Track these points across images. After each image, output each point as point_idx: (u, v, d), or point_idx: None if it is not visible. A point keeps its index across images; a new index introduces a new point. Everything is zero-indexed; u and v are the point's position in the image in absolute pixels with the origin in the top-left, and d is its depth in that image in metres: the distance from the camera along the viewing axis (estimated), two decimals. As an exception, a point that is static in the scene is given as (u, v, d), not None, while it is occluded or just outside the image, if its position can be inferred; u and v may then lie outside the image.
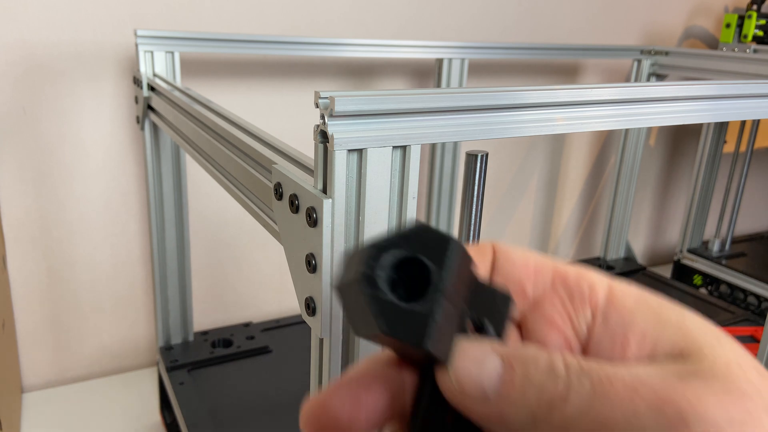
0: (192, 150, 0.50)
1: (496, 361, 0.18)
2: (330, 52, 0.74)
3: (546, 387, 0.17)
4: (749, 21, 0.94)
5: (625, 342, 0.19)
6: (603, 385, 0.16)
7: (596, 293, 0.19)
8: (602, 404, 0.16)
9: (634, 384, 0.16)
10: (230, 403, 0.66)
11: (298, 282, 0.31)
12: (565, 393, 0.17)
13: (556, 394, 0.17)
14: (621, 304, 0.19)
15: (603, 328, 0.19)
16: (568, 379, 0.17)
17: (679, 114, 0.39)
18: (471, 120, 0.31)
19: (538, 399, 0.17)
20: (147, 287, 0.83)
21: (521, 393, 0.17)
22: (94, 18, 0.71)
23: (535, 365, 0.17)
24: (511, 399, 0.17)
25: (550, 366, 0.17)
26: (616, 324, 0.19)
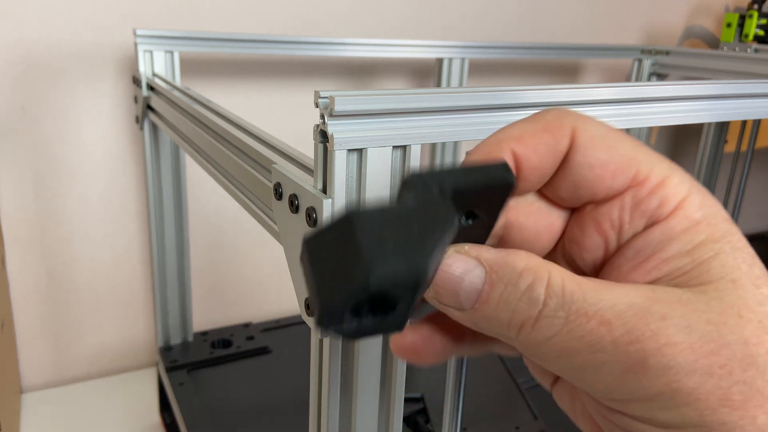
0: (191, 150, 0.50)
1: (478, 275, 0.18)
2: (330, 51, 0.74)
3: (519, 310, 0.17)
4: (750, 20, 0.94)
5: (645, 261, 0.18)
6: (577, 319, 0.17)
7: (663, 207, 0.19)
8: (569, 336, 0.17)
9: (609, 319, 0.17)
10: (230, 403, 0.65)
11: (297, 282, 0.31)
12: (536, 319, 0.17)
13: (526, 319, 0.17)
14: (672, 225, 0.18)
15: (639, 240, 0.19)
16: (544, 307, 0.17)
17: (680, 114, 0.39)
18: (471, 120, 0.30)
19: (509, 320, 0.17)
20: (146, 287, 0.83)
21: (494, 311, 0.18)
22: (93, 17, 0.71)
23: (515, 286, 0.17)
24: (484, 314, 0.18)
25: (530, 289, 0.17)
26: (651, 243, 0.18)
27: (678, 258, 0.18)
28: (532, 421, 0.64)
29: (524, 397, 0.67)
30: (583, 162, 0.19)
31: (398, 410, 0.31)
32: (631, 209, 0.19)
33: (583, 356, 0.17)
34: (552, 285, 0.17)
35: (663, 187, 0.19)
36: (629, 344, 0.16)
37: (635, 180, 0.19)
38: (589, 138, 0.19)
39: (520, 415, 0.65)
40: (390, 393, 0.31)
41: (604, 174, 0.19)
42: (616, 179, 0.19)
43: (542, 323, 0.17)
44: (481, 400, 0.67)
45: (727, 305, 0.17)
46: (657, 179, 0.19)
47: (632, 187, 0.19)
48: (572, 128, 0.19)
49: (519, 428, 0.63)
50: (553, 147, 0.19)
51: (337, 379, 0.30)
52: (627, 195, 0.19)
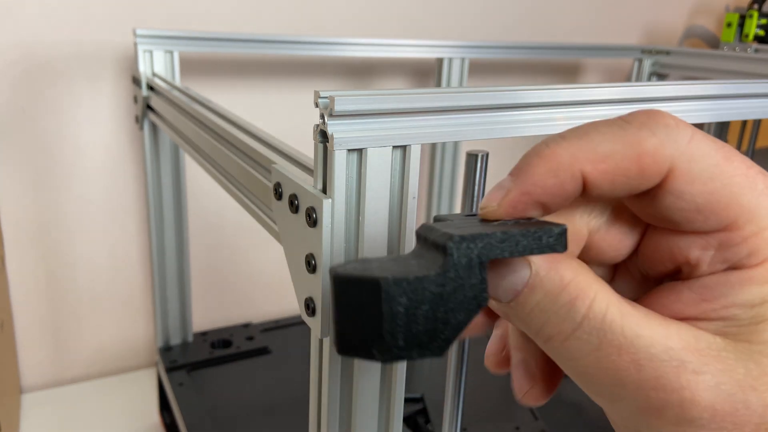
0: (191, 150, 0.50)
1: (522, 276, 0.17)
2: (330, 51, 0.74)
3: (552, 322, 0.17)
4: (750, 20, 0.94)
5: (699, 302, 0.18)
6: (608, 349, 0.16)
7: (749, 260, 0.17)
8: (596, 363, 0.16)
9: (641, 360, 0.16)
10: (230, 403, 0.65)
11: (297, 282, 0.31)
12: (567, 336, 0.17)
13: (557, 333, 0.17)
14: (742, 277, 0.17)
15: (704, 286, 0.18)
16: (578, 327, 0.16)
17: (680, 114, 0.39)
18: (471, 120, 0.30)
19: (539, 328, 0.17)
20: (146, 287, 0.83)
21: (527, 316, 0.17)
22: (93, 17, 0.71)
23: (555, 298, 0.17)
24: (516, 314, 0.17)
25: (570, 304, 0.17)
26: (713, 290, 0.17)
27: (740, 308, 0.17)
28: (532, 421, 0.64)
29: (524, 397, 0.67)
30: (675, 206, 0.17)
31: (398, 410, 0.31)
32: (715, 253, 0.17)
33: (602, 386, 0.16)
34: (594, 308, 0.16)
35: (758, 237, 0.17)
36: (653, 390, 0.16)
37: (729, 227, 0.17)
38: (689, 179, 0.17)
39: (520, 415, 0.65)
40: (390, 393, 0.31)
41: (696, 217, 0.17)
42: (709, 222, 0.17)
43: (572, 343, 0.17)
44: (481, 400, 0.67)
45: (763, 371, 0.16)
46: (755, 229, 0.17)
47: (724, 232, 0.17)
48: (671, 166, 0.17)
49: (519, 428, 0.63)
50: (636, 183, 0.17)
51: (337, 379, 0.30)
52: (714, 238, 0.17)
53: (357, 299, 0.15)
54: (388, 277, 0.15)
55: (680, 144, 0.17)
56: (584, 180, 0.17)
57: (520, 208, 0.17)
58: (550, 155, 0.17)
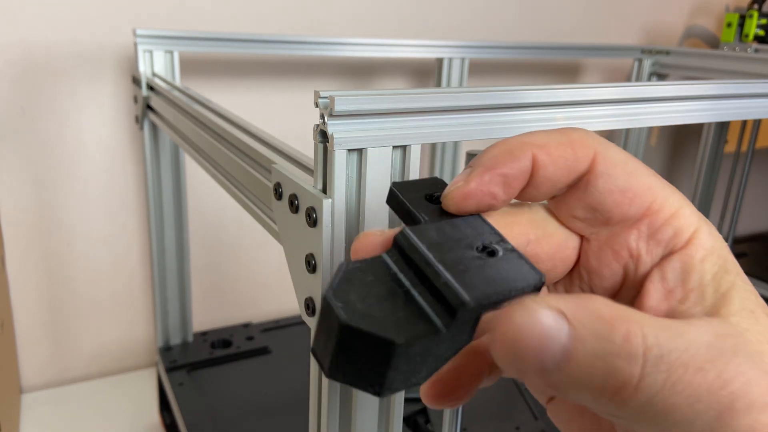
0: (191, 150, 0.50)
1: (562, 328, 0.15)
2: (329, 51, 0.74)
3: (618, 368, 0.15)
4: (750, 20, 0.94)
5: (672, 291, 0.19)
6: (677, 370, 0.15)
7: (679, 238, 0.19)
8: (671, 391, 0.15)
9: (701, 365, 0.15)
10: (230, 403, 0.65)
11: (297, 282, 0.31)
12: (639, 380, 0.15)
13: (628, 378, 0.15)
14: (691, 253, 0.19)
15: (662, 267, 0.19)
16: (644, 364, 0.15)
17: (680, 114, 0.39)
18: (471, 120, 0.30)
19: (605, 383, 0.15)
20: (146, 287, 0.83)
21: (587, 372, 0.15)
22: (93, 17, 0.71)
23: (608, 340, 0.15)
24: (571, 377, 0.15)
25: (626, 341, 0.15)
26: (675, 272, 0.19)
27: (701, 288, 0.18)
28: (532, 422, 0.64)
29: (524, 397, 0.67)
30: (604, 187, 0.19)
31: (398, 410, 0.31)
32: (647, 238, 0.19)
33: (682, 412, 0.15)
34: (647, 335, 0.15)
35: (677, 217, 0.19)
36: (721, 389, 0.15)
37: (651, 209, 0.19)
38: (611, 164, 0.19)
39: (520, 416, 0.65)
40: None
41: (623, 200, 0.19)
42: (633, 206, 0.19)
43: (645, 382, 0.15)
44: (481, 400, 0.67)
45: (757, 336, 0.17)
46: (672, 209, 0.19)
47: (648, 216, 0.19)
48: (595, 151, 0.19)
49: (519, 428, 0.63)
50: (573, 164, 0.19)
51: (337, 379, 0.30)
52: (643, 224, 0.19)
53: (362, 347, 0.16)
54: (401, 340, 0.15)
55: (597, 137, 0.20)
56: (534, 162, 0.19)
57: (485, 183, 0.19)
58: (504, 142, 0.20)
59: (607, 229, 0.20)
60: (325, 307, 0.16)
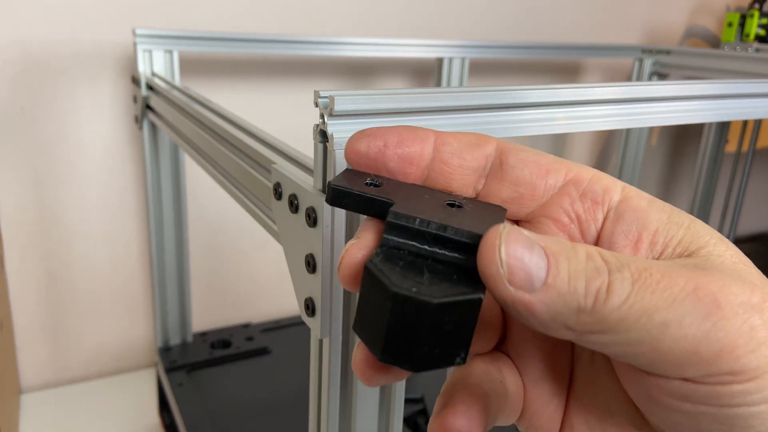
0: (191, 150, 0.50)
1: (539, 251, 0.17)
2: (329, 51, 0.74)
3: (591, 277, 0.17)
4: (751, 20, 0.94)
5: (638, 240, 0.19)
6: (642, 275, 0.17)
7: (610, 194, 0.20)
8: (644, 293, 0.16)
9: (668, 271, 0.17)
10: (229, 404, 0.65)
11: (297, 282, 0.31)
12: (609, 282, 0.17)
13: (601, 284, 0.17)
14: (635, 204, 0.19)
15: (615, 226, 0.19)
16: (609, 271, 0.17)
17: (681, 113, 0.39)
18: (471, 119, 0.30)
19: (586, 290, 0.17)
20: (145, 288, 0.83)
21: (569, 284, 0.17)
22: (92, 17, 0.71)
23: (576, 257, 0.17)
24: (558, 290, 0.17)
25: (590, 258, 0.17)
26: (630, 223, 0.19)
27: (666, 228, 0.19)
28: (532, 422, 0.63)
29: (524, 397, 0.67)
30: (516, 160, 0.20)
31: (398, 411, 0.31)
32: (579, 198, 0.20)
33: (662, 311, 0.16)
34: (601, 251, 0.17)
35: (598, 179, 0.20)
36: (697, 290, 0.16)
37: (569, 176, 0.20)
38: (516, 148, 0.21)
39: (521, 416, 0.64)
40: (390, 394, 0.31)
41: (539, 171, 0.20)
42: (551, 176, 0.20)
43: (615, 285, 0.17)
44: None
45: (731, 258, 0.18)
46: (588, 175, 0.20)
47: (570, 181, 0.20)
48: (498, 144, 0.21)
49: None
50: (476, 143, 0.21)
51: (337, 379, 0.30)
52: (569, 188, 0.20)
53: (443, 321, 0.17)
54: (481, 294, 0.17)
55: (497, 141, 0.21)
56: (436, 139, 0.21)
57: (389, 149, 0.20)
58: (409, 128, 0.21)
59: (536, 203, 0.21)
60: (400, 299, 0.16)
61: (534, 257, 0.17)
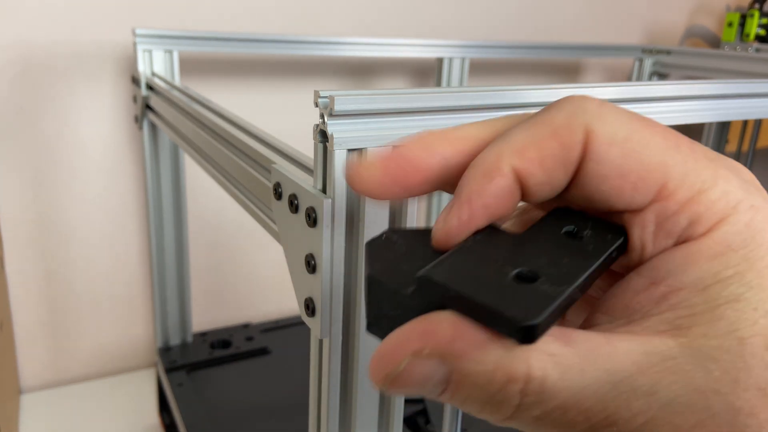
0: (191, 149, 0.50)
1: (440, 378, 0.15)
2: (329, 51, 0.74)
3: (487, 410, 0.15)
4: (751, 20, 0.94)
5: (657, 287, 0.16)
6: (554, 412, 0.15)
7: (693, 230, 0.15)
8: (542, 424, 0.15)
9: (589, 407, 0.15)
10: (229, 404, 0.65)
11: (297, 282, 0.31)
12: (507, 418, 0.15)
13: (496, 417, 0.15)
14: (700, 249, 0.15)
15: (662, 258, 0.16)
16: (517, 408, 0.15)
17: (681, 113, 0.39)
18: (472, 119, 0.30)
19: (479, 413, 0.16)
20: (145, 288, 0.83)
21: (462, 406, 0.16)
22: (92, 17, 0.71)
23: (482, 389, 0.15)
24: (450, 401, 0.16)
25: (501, 392, 0.15)
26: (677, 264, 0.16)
27: (693, 291, 0.15)
28: (532, 422, 0.63)
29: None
30: (597, 173, 0.16)
31: (398, 411, 0.31)
32: (655, 229, 0.16)
33: None
34: (531, 382, 0.15)
35: (696, 202, 0.15)
36: (605, 428, 0.15)
37: (662, 193, 0.16)
38: (606, 143, 0.16)
39: (521, 416, 0.64)
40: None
41: (623, 185, 0.16)
42: (639, 192, 0.16)
43: (513, 421, 0.15)
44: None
45: (724, 370, 0.14)
46: (689, 193, 0.15)
47: (658, 201, 0.16)
48: (586, 132, 0.16)
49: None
50: (564, 158, 0.16)
51: (337, 379, 0.30)
52: (650, 211, 0.16)
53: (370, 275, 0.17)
54: (373, 276, 0.17)
55: (589, 109, 0.16)
56: (519, 174, 0.16)
57: (465, 218, 0.17)
58: (479, 162, 0.17)
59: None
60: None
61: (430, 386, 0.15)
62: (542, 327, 0.14)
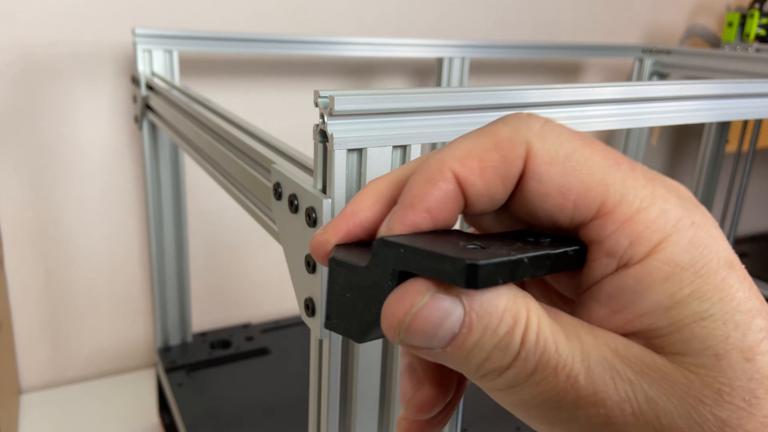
0: (191, 149, 0.50)
1: (457, 317, 0.15)
2: (329, 50, 0.74)
3: (492, 358, 0.15)
4: (751, 20, 0.94)
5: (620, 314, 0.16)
6: (545, 371, 0.15)
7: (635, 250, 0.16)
8: (533, 388, 0.15)
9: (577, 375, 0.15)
10: (229, 404, 0.65)
11: (297, 282, 0.31)
12: (505, 368, 0.15)
13: (496, 368, 0.16)
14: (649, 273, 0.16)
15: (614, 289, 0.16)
16: (516, 356, 0.15)
17: (681, 113, 0.39)
18: (472, 119, 0.30)
19: (478, 366, 0.16)
20: (145, 288, 0.83)
21: (465, 357, 0.16)
22: (92, 16, 0.71)
23: (494, 332, 0.15)
24: (452, 358, 0.16)
25: (508, 335, 0.15)
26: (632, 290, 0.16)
27: (655, 315, 0.15)
28: (532, 422, 0.63)
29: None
30: (538, 191, 0.16)
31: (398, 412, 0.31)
32: (596, 246, 0.16)
33: (541, 410, 0.15)
34: (529, 330, 0.15)
35: (634, 222, 0.16)
36: (593, 406, 0.15)
37: (601, 211, 0.16)
38: (546, 162, 0.16)
39: (521, 416, 0.64)
40: (390, 394, 0.31)
41: (564, 203, 0.16)
42: (579, 210, 0.16)
43: (510, 372, 0.15)
44: (481, 400, 0.67)
45: (705, 384, 0.15)
46: (628, 211, 0.16)
47: (598, 219, 0.16)
48: (526, 149, 0.17)
49: (519, 429, 0.62)
50: (503, 172, 0.17)
51: (337, 380, 0.30)
52: (591, 228, 0.16)
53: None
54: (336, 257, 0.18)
55: (533, 127, 0.17)
56: (459, 181, 0.17)
57: (409, 223, 0.17)
58: (424, 168, 0.17)
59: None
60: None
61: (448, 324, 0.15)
62: (486, 273, 0.15)
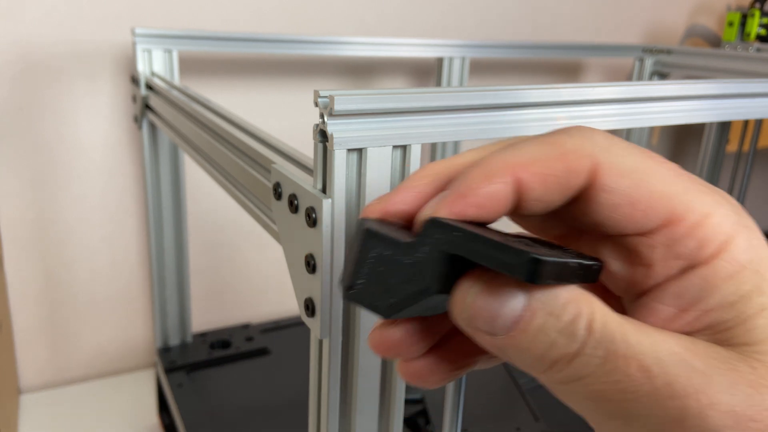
0: (190, 149, 0.50)
1: (520, 300, 0.16)
2: (329, 50, 0.74)
3: (558, 344, 0.16)
4: (752, 20, 0.94)
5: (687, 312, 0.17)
6: (616, 360, 0.16)
7: (701, 252, 0.17)
8: (605, 378, 0.16)
9: (649, 365, 0.15)
10: (229, 405, 0.65)
11: (297, 283, 0.31)
12: (573, 355, 0.16)
13: (564, 355, 0.16)
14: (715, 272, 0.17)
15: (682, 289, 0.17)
16: (584, 344, 0.16)
17: (682, 113, 0.39)
18: (472, 119, 0.30)
19: (544, 353, 0.16)
20: (145, 288, 0.83)
21: (531, 342, 0.16)
22: (91, 16, 0.71)
23: (558, 318, 0.16)
24: (518, 344, 0.16)
25: (573, 323, 0.16)
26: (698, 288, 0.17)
27: (721, 310, 0.17)
28: (532, 422, 0.63)
29: (525, 397, 0.67)
30: (609, 202, 0.17)
31: (398, 412, 0.31)
32: (664, 250, 0.17)
33: (615, 404, 0.16)
34: (594, 321, 0.16)
35: (702, 226, 0.17)
36: (669, 399, 0.15)
37: (670, 219, 0.17)
38: (615, 175, 0.17)
39: (521, 416, 0.64)
40: (390, 394, 0.31)
41: (634, 213, 0.17)
42: (648, 218, 0.17)
43: (579, 360, 0.16)
44: (482, 401, 0.67)
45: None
46: (695, 218, 0.17)
47: (666, 227, 0.17)
48: (593, 163, 0.17)
49: (520, 429, 0.62)
50: (565, 181, 0.17)
51: (337, 380, 0.30)
52: (659, 234, 0.17)
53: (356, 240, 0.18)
54: (371, 228, 0.17)
55: (598, 142, 0.18)
56: (519, 185, 0.17)
57: (456, 211, 0.17)
58: (485, 164, 0.18)
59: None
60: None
61: (510, 305, 0.16)
62: (547, 270, 0.15)
